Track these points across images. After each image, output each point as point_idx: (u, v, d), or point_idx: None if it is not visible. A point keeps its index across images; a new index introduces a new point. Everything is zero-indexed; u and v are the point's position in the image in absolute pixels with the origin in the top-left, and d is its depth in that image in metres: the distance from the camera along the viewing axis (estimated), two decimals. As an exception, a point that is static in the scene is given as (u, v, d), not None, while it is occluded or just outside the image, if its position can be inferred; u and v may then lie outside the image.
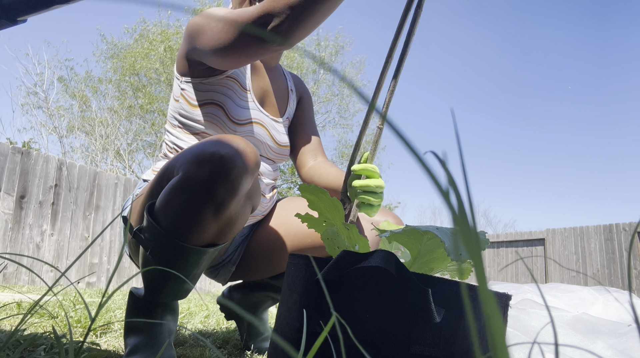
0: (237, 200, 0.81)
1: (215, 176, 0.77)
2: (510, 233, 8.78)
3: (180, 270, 0.83)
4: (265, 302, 1.28)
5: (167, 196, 0.81)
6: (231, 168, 0.77)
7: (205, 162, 0.77)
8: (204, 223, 0.80)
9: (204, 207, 0.78)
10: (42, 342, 0.97)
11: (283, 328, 0.62)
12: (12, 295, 2.56)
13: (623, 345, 0.75)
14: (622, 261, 7.08)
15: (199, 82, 1.03)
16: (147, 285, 0.87)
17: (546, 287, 1.20)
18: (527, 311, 0.91)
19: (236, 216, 0.84)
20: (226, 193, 0.78)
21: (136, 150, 11.59)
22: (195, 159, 0.78)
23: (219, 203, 0.78)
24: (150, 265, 0.83)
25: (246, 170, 0.79)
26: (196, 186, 0.77)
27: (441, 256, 0.65)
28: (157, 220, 0.82)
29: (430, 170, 0.18)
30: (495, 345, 0.18)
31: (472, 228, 0.18)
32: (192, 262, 0.83)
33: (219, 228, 0.83)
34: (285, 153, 1.17)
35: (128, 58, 10.39)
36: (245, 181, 0.80)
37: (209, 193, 0.77)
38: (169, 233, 0.81)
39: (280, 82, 1.19)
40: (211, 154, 0.78)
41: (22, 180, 3.99)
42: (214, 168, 0.77)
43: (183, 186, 0.78)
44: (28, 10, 0.68)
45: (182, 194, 0.78)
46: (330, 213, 0.68)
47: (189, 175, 0.78)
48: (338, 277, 0.56)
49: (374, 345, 0.53)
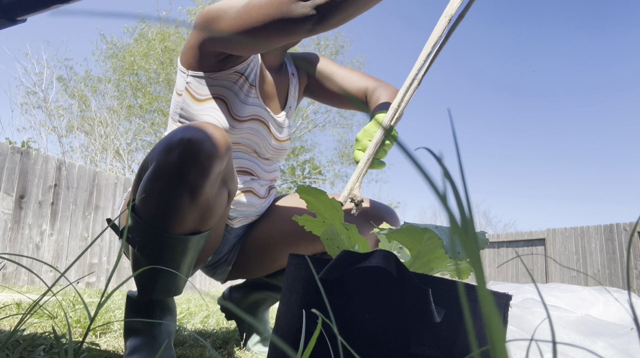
0: (210, 183, 0.81)
1: (184, 160, 0.78)
2: (510, 233, 8.79)
3: (169, 262, 0.83)
4: (266, 302, 1.28)
5: (143, 187, 0.82)
6: (199, 150, 0.78)
7: (174, 148, 0.78)
8: (181, 209, 0.80)
9: (179, 192, 0.79)
10: (42, 342, 0.97)
11: (283, 328, 0.62)
12: (12, 295, 2.56)
13: (624, 346, 0.75)
14: (622, 261, 7.09)
15: (207, 76, 1.02)
16: (140, 283, 0.87)
17: (547, 287, 1.20)
18: (531, 311, 0.91)
19: (213, 200, 0.85)
20: (198, 176, 0.79)
21: (135, 150, 11.59)
22: (165, 147, 0.80)
23: (192, 187, 0.79)
24: (141, 264, 0.84)
25: (215, 151, 0.80)
26: (168, 172, 0.78)
27: (441, 256, 0.64)
28: (138, 214, 0.83)
29: (421, 166, 0.18)
30: (494, 344, 0.18)
31: (470, 225, 0.18)
32: (179, 252, 0.83)
33: (198, 214, 0.83)
34: (284, 147, 1.16)
35: (127, 58, 10.39)
36: (215, 163, 0.80)
37: (181, 177, 0.78)
38: (150, 225, 0.81)
39: (282, 79, 1.18)
40: (179, 139, 0.79)
41: (21, 180, 3.99)
42: (183, 151, 0.78)
43: (156, 175, 0.80)
44: (27, 10, 0.68)
45: (156, 183, 0.79)
46: (329, 213, 0.68)
47: (160, 163, 0.79)
48: (338, 277, 0.56)
49: (374, 345, 0.53)
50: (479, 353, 0.56)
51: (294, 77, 1.21)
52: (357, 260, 0.56)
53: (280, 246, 1.12)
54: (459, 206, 0.18)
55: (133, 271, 0.88)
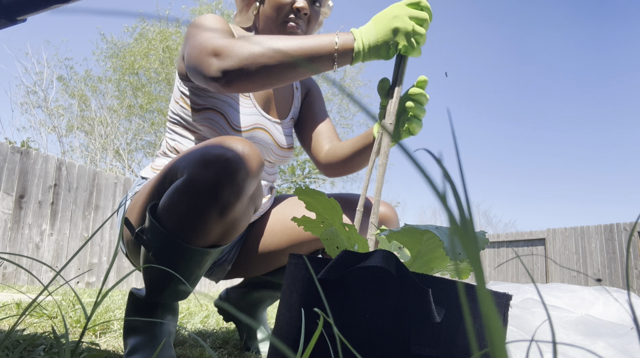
0: (242, 202, 0.81)
1: (221, 179, 0.77)
2: (510, 233, 8.78)
3: (183, 271, 0.83)
4: (264, 301, 1.28)
5: (171, 197, 0.80)
6: (237, 171, 0.77)
7: (211, 164, 0.77)
8: (209, 225, 0.80)
9: (209, 209, 0.78)
10: (42, 342, 0.97)
11: (283, 328, 0.62)
12: (12, 295, 2.56)
13: (624, 346, 0.75)
14: (623, 261, 7.09)
15: (198, 87, 1.02)
16: (149, 286, 0.87)
17: (547, 287, 1.20)
18: (531, 311, 0.91)
19: (240, 217, 0.84)
20: (231, 196, 0.78)
21: (135, 149, 11.58)
22: (201, 161, 0.78)
23: (224, 205, 0.78)
24: (152, 266, 0.83)
25: (251, 172, 0.79)
26: (202, 188, 0.77)
27: (441, 256, 0.64)
28: (160, 221, 0.82)
29: (421, 167, 0.18)
30: (494, 344, 0.18)
31: (469, 225, 0.18)
32: (195, 263, 0.83)
33: (223, 230, 0.83)
34: (288, 154, 1.17)
35: (127, 57, 10.39)
36: (250, 184, 0.80)
37: (215, 195, 0.77)
38: (172, 234, 0.80)
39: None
40: (217, 156, 0.77)
41: (21, 180, 3.99)
42: (220, 170, 0.77)
43: (188, 188, 0.78)
44: (28, 10, 0.68)
45: (187, 196, 0.78)
46: (328, 214, 0.68)
47: (194, 177, 0.78)
48: (338, 277, 0.56)
49: (374, 345, 0.53)
50: (478, 353, 0.56)
51: (297, 91, 1.22)
52: (357, 260, 0.56)
53: (280, 244, 1.12)
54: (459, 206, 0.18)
55: (143, 272, 0.87)
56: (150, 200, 0.89)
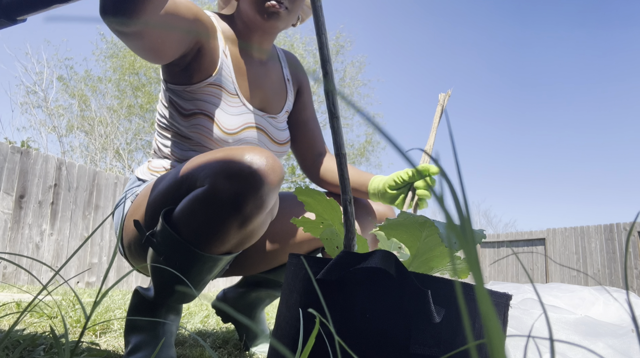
0: (263, 215, 0.81)
1: (245, 192, 0.76)
2: (510, 233, 8.76)
3: (194, 276, 0.83)
4: (262, 301, 1.28)
5: (190, 206, 0.80)
6: (261, 184, 0.77)
7: (234, 176, 0.77)
8: (228, 235, 0.80)
9: (230, 221, 0.78)
10: (42, 342, 0.97)
11: (283, 328, 0.62)
12: (12, 294, 2.56)
13: (623, 346, 0.75)
14: (623, 261, 7.08)
15: (183, 89, 0.99)
16: (158, 288, 0.86)
17: (547, 287, 1.20)
18: (529, 312, 0.91)
19: (258, 228, 0.84)
20: (254, 208, 0.78)
21: (135, 149, 11.58)
22: (224, 173, 0.78)
23: (245, 218, 0.78)
24: (163, 270, 0.83)
25: (274, 186, 0.79)
26: (224, 200, 0.77)
27: (440, 255, 0.64)
28: (176, 228, 0.81)
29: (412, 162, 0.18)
30: (492, 344, 0.18)
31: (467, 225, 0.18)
32: (207, 268, 0.83)
33: (240, 240, 0.83)
34: (285, 149, 1.15)
35: (127, 57, 10.38)
36: (272, 197, 0.80)
37: (237, 207, 0.77)
38: (187, 241, 0.80)
39: (274, 74, 1.14)
40: (241, 168, 0.77)
41: (21, 180, 3.99)
42: (244, 183, 0.76)
43: (210, 199, 0.78)
44: (28, 10, 0.68)
45: (207, 207, 0.78)
46: (328, 214, 0.68)
47: (217, 188, 0.77)
48: (338, 277, 0.56)
49: (374, 345, 0.53)
50: (477, 353, 0.56)
51: (289, 82, 1.19)
52: (356, 260, 0.56)
53: (280, 243, 1.12)
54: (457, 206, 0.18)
55: (152, 274, 0.87)
56: (162, 205, 0.88)
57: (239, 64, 1.06)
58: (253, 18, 1.02)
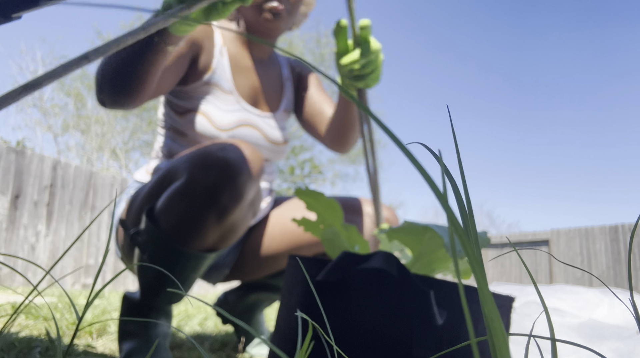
0: (241, 207, 0.80)
1: (221, 182, 0.76)
2: (514, 234, 8.70)
3: (178, 274, 0.82)
4: (262, 303, 1.27)
5: (169, 199, 0.80)
6: (238, 174, 0.76)
7: (211, 167, 0.76)
8: (207, 228, 0.79)
9: (208, 212, 0.77)
10: (37, 344, 0.96)
11: (283, 330, 0.61)
12: (7, 296, 2.54)
13: (628, 348, 0.75)
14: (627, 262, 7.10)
15: (178, 90, 0.99)
16: (144, 289, 0.86)
17: (551, 289, 1.19)
18: (532, 318, 0.91)
19: (239, 222, 0.83)
20: (231, 199, 0.77)
21: (132, 149, 11.54)
22: (201, 164, 0.77)
23: (223, 209, 0.77)
24: (147, 269, 0.82)
25: (252, 177, 0.78)
26: (201, 191, 0.76)
27: (443, 257, 0.64)
28: (157, 224, 0.81)
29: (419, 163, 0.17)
30: (495, 346, 0.17)
31: (471, 224, 0.17)
32: (191, 267, 0.82)
33: (221, 234, 0.82)
34: (282, 150, 1.13)
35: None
36: (250, 188, 0.79)
37: (214, 198, 0.76)
38: (169, 237, 0.80)
39: (272, 74, 1.14)
40: (217, 159, 0.76)
41: (16, 180, 3.96)
42: (220, 173, 0.76)
43: (187, 190, 0.77)
44: (22, 6, 0.66)
45: (185, 199, 0.77)
46: (328, 214, 0.67)
47: (193, 179, 0.77)
48: (338, 279, 0.55)
49: (376, 347, 0.53)
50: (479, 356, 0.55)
51: (288, 81, 1.18)
52: (357, 261, 0.55)
53: (280, 248, 1.11)
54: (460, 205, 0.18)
55: (137, 274, 0.86)
56: (147, 202, 0.88)
57: (236, 63, 1.06)
58: (254, 20, 1.02)
